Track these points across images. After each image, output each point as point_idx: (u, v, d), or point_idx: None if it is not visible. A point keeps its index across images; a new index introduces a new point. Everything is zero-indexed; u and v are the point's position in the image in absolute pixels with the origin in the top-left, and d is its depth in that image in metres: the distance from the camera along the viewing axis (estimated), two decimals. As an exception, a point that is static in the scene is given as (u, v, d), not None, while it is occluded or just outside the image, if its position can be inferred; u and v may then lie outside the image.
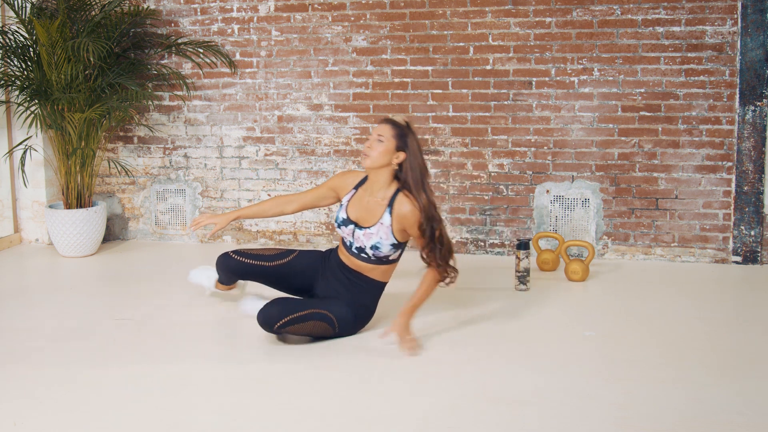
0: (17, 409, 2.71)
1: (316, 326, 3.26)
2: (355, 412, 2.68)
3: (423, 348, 3.26)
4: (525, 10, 4.79)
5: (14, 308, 3.92)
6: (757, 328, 3.54)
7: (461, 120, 4.95)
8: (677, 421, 2.58)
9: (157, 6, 5.27)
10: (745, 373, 2.99)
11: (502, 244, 4.98)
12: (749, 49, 4.54)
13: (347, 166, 5.12)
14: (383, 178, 3.29)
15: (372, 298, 3.44)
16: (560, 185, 4.87)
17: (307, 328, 3.25)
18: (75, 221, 4.92)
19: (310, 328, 3.26)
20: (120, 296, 4.15)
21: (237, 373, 3.04)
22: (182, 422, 2.60)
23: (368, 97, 5.06)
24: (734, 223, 4.68)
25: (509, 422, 2.58)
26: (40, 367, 3.10)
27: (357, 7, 5.00)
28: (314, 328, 3.27)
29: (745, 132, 4.60)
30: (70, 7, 4.92)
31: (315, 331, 3.28)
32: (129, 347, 3.32)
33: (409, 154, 3.23)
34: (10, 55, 4.92)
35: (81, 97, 4.84)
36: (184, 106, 5.33)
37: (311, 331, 3.27)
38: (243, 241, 5.34)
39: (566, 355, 3.19)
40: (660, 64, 4.67)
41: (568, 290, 4.19)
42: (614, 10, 4.69)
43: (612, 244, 4.85)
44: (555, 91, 4.81)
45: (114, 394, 2.82)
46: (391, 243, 3.29)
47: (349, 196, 3.44)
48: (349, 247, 3.38)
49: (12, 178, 5.32)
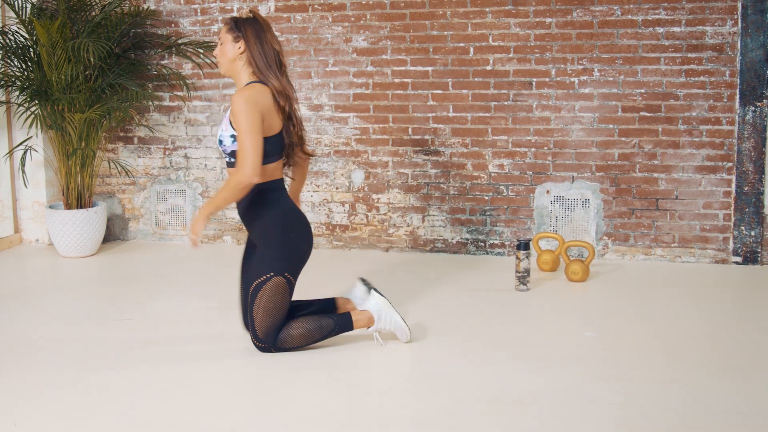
0: (17, 409, 2.71)
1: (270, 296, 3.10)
2: (354, 412, 2.68)
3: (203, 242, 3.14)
4: (525, 11, 4.79)
5: (14, 308, 3.92)
6: (758, 328, 3.54)
7: (461, 120, 4.95)
8: (677, 421, 2.58)
9: (158, 6, 5.28)
10: (745, 373, 2.99)
11: (503, 245, 4.98)
12: (749, 49, 4.54)
13: (347, 167, 5.12)
14: (242, 77, 3.17)
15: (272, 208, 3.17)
16: (560, 186, 4.87)
17: (271, 307, 3.10)
18: (75, 222, 4.92)
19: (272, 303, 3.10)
20: (120, 297, 4.15)
21: (237, 373, 3.04)
22: (182, 422, 2.60)
23: (368, 97, 5.06)
24: (734, 223, 4.68)
25: (509, 422, 2.58)
26: (40, 368, 3.10)
27: (357, 8, 5.00)
28: (274, 300, 3.10)
29: (745, 132, 4.60)
30: (71, 8, 4.93)
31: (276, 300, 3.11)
32: (129, 347, 3.32)
33: (247, 41, 3.12)
34: (11, 55, 4.92)
35: (81, 98, 4.84)
36: (184, 107, 5.34)
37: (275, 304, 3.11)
38: (242, 242, 5.33)
39: (566, 356, 3.19)
40: (660, 65, 4.67)
41: (569, 291, 4.19)
42: (614, 11, 4.69)
43: (612, 244, 4.85)
44: (555, 91, 4.81)
45: (114, 395, 2.82)
46: (230, 134, 3.10)
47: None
48: (227, 162, 3.22)
49: (12, 178, 5.33)
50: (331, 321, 3.24)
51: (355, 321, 3.27)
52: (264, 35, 3.15)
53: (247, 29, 3.14)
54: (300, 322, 3.21)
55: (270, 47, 3.16)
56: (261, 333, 3.15)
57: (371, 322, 3.27)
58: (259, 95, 3.07)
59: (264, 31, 3.16)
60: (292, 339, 3.19)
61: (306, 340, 3.21)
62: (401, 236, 5.09)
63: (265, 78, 3.14)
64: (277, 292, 3.13)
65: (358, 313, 3.29)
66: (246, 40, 3.13)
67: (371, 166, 5.10)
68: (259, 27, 3.16)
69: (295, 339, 3.19)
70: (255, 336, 3.17)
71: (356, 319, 3.27)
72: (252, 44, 3.13)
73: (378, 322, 3.27)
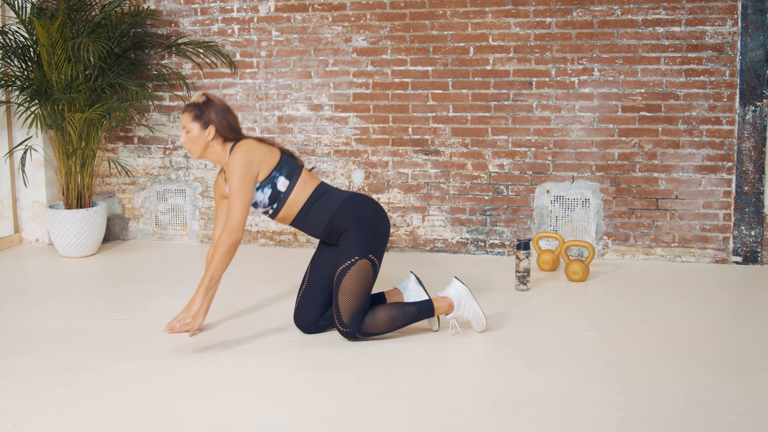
0: (18, 408, 2.71)
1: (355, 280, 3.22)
2: (354, 412, 2.68)
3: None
4: (525, 11, 4.79)
5: (14, 308, 3.92)
6: (758, 328, 3.54)
7: (461, 120, 4.95)
8: (678, 421, 2.58)
9: (158, 6, 5.28)
10: (745, 373, 2.99)
11: (503, 245, 4.98)
12: (749, 49, 4.54)
13: (347, 167, 5.12)
14: (216, 153, 3.31)
15: (331, 210, 3.30)
16: (560, 185, 4.87)
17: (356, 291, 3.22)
18: (75, 221, 4.92)
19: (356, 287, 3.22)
20: (120, 296, 4.15)
21: (237, 372, 3.04)
22: (183, 422, 2.60)
23: (368, 97, 5.06)
24: (734, 223, 4.68)
25: (509, 422, 2.58)
26: (41, 367, 3.10)
27: (357, 8, 5.00)
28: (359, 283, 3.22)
29: (745, 132, 4.60)
30: (71, 8, 4.92)
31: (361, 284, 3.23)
32: (129, 347, 3.32)
33: (216, 124, 3.25)
34: (11, 55, 4.92)
35: (81, 98, 4.84)
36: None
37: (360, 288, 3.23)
38: (243, 241, 5.33)
39: (567, 356, 3.19)
40: (660, 65, 4.67)
41: (569, 290, 4.19)
42: (614, 11, 4.69)
43: (612, 244, 4.85)
44: (555, 91, 4.81)
45: (114, 395, 2.82)
46: (254, 189, 3.27)
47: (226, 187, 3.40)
48: (269, 214, 3.35)
49: (12, 178, 5.33)
50: (413, 308, 3.33)
51: (437, 308, 3.36)
52: (224, 112, 3.28)
53: (210, 113, 3.25)
54: (385, 308, 3.31)
55: (231, 115, 3.31)
56: (346, 318, 3.24)
57: (451, 309, 3.37)
58: (250, 151, 3.21)
59: (222, 108, 3.28)
60: (377, 325, 3.28)
61: (390, 326, 3.30)
62: (401, 236, 5.09)
63: (239, 135, 3.31)
64: (362, 275, 3.24)
65: (439, 299, 3.38)
66: (213, 124, 3.25)
67: (371, 165, 5.10)
68: (217, 107, 3.28)
69: (380, 325, 3.28)
70: (340, 322, 3.25)
71: (437, 305, 3.36)
72: (219, 124, 3.26)
73: (457, 309, 3.36)
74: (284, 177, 3.27)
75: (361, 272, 3.24)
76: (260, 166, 3.23)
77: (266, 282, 4.35)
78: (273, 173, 3.25)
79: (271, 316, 3.71)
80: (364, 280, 3.24)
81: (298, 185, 3.30)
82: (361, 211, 3.31)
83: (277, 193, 3.27)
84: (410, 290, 3.50)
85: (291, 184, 3.28)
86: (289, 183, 3.28)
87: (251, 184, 3.20)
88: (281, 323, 3.61)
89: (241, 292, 4.10)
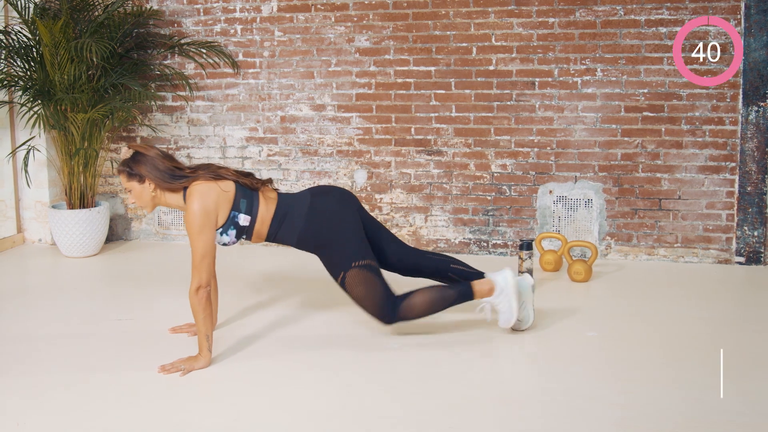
0: (20, 409, 2.71)
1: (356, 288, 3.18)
2: (354, 412, 2.68)
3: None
4: (528, 11, 4.79)
5: (17, 308, 3.92)
6: (760, 328, 3.53)
7: (464, 120, 4.94)
8: (678, 421, 2.57)
9: (160, 6, 5.28)
10: (747, 373, 2.99)
11: (505, 245, 4.98)
12: (752, 49, 4.53)
13: (349, 167, 5.12)
14: (169, 202, 3.20)
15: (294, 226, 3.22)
16: (563, 186, 4.87)
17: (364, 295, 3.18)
18: (78, 221, 4.93)
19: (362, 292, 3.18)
20: (123, 296, 4.16)
21: (238, 372, 3.04)
22: (183, 422, 2.61)
23: (371, 97, 5.06)
24: (737, 223, 4.67)
25: (510, 422, 2.58)
26: (43, 367, 3.10)
27: (360, 8, 5.00)
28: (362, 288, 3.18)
29: (748, 132, 4.59)
30: (73, 8, 4.93)
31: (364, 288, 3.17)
32: (131, 348, 3.32)
33: (151, 177, 3.13)
34: (14, 55, 4.93)
35: (84, 98, 4.85)
36: (187, 107, 5.34)
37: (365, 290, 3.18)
38: (244, 242, 5.33)
39: (569, 356, 3.19)
40: (663, 65, 4.66)
41: (571, 291, 4.19)
42: (617, 11, 4.69)
43: (615, 244, 4.85)
44: (558, 91, 4.81)
45: (116, 395, 2.83)
46: (217, 231, 3.17)
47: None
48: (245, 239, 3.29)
49: (15, 178, 5.33)
50: (453, 291, 3.28)
51: (477, 291, 3.30)
52: (154, 163, 3.14)
53: (141, 168, 3.13)
54: (423, 292, 3.26)
55: (163, 162, 3.15)
56: (376, 315, 3.22)
57: (491, 292, 3.29)
58: (203, 198, 3.08)
59: (152, 158, 3.15)
60: (414, 309, 3.23)
61: (428, 311, 3.26)
62: (404, 236, 5.09)
63: (185, 181, 3.14)
64: (360, 281, 3.18)
65: (481, 282, 3.32)
66: (148, 178, 3.14)
67: (374, 166, 5.10)
68: (147, 158, 3.15)
69: (417, 309, 3.24)
70: (375, 318, 3.23)
71: (477, 289, 3.30)
72: (154, 176, 3.13)
73: (497, 296, 3.29)
74: (243, 213, 3.16)
75: (357, 279, 3.18)
76: (217, 211, 3.10)
77: (266, 282, 4.35)
78: (231, 213, 3.15)
79: (271, 316, 3.71)
80: (365, 282, 3.19)
81: (260, 213, 3.19)
82: (317, 230, 3.20)
83: (241, 229, 3.18)
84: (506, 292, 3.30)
85: (252, 217, 3.18)
86: (251, 217, 3.18)
87: (211, 233, 3.08)
88: (283, 323, 3.61)
89: (241, 292, 4.11)
